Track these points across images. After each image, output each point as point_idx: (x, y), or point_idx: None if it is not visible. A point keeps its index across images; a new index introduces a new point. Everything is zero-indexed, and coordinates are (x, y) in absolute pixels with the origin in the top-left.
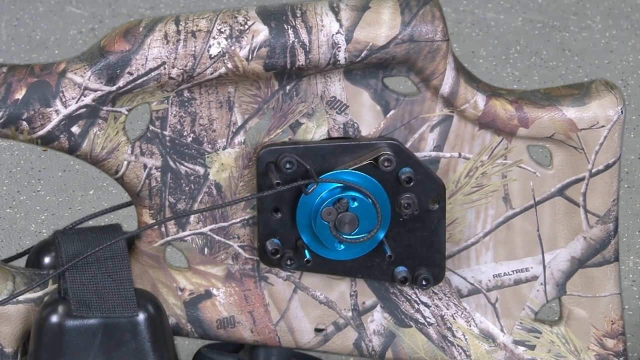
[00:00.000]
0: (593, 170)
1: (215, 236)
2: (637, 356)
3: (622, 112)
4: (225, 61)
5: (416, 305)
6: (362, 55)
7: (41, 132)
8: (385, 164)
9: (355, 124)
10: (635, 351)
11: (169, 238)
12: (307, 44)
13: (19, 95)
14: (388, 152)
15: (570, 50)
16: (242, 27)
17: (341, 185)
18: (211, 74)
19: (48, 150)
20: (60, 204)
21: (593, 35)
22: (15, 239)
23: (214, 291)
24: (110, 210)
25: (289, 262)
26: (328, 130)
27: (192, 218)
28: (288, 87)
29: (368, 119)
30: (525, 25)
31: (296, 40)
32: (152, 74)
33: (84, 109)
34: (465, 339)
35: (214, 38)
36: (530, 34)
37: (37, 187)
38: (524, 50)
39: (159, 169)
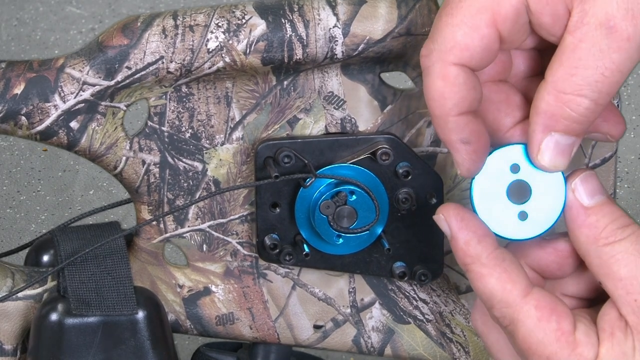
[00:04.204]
0: (589, 165)
1: (213, 233)
2: None
3: (617, 105)
4: (223, 55)
5: (414, 302)
6: (359, 49)
7: (40, 127)
8: (383, 157)
9: (353, 119)
10: None
11: (167, 235)
12: (305, 38)
13: (18, 90)
14: (386, 146)
15: None
16: (239, 22)
17: (339, 179)
18: (209, 68)
19: (48, 150)
20: (60, 204)
21: None
22: (15, 239)
23: (213, 288)
24: (108, 208)
25: (287, 257)
26: (326, 126)
27: (191, 215)
28: (285, 83)
29: (365, 114)
30: None
31: (293, 34)
32: (150, 68)
33: (83, 104)
34: (464, 336)
35: (211, 32)
36: None
37: (37, 187)
38: None
39: (158, 165)
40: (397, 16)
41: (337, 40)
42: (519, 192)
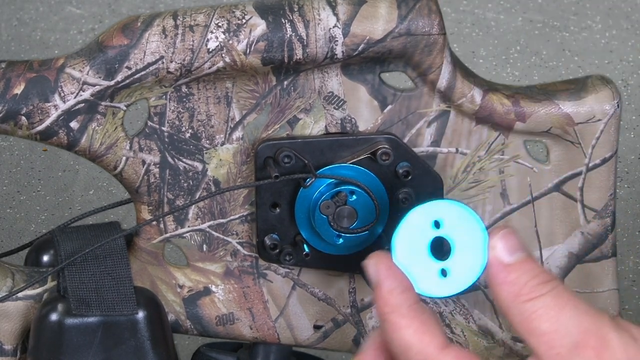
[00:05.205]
0: (590, 165)
1: (213, 233)
2: None
3: (618, 106)
4: (223, 55)
5: None
6: (359, 49)
7: (40, 127)
8: (383, 157)
9: (353, 120)
10: None
11: (167, 235)
12: (305, 38)
13: (18, 90)
14: (386, 146)
15: (570, 50)
16: (239, 22)
17: (339, 179)
18: (209, 68)
19: (48, 150)
20: (60, 204)
21: (593, 35)
22: (15, 239)
23: (213, 288)
24: (108, 208)
25: (287, 257)
26: (326, 126)
27: (191, 215)
28: (285, 83)
29: (365, 115)
30: (525, 25)
31: (293, 34)
32: (151, 68)
33: (83, 104)
34: (464, 336)
35: (211, 32)
36: (530, 34)
37: (37, 187)
38: (524, 50)
39: (158, 165)
40: (397, 16)
41: (337, 40)
42: (441, 248)
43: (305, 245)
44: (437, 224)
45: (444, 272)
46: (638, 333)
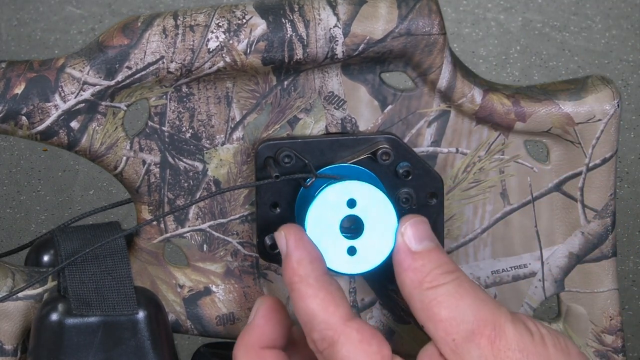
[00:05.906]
0: (590, 165)
1: (214, 233)
2: (637, 356)
3: (618, 105)
4: (224, 55)
5: None
6: (360, 49)
7: (40, 127)
8: (384, 157)
9: (353, 119)
10: (636, 351)
11: (167, 235)
12: (305, 38)
13: (18, 90)
14: (386, 146)
15: (570, 50)
16: (240, 21)
17: (339, 179)
18: (209, 68)
19: (48, 150)
20: (60, 204)
21: (593, 35)
22: (16, 239)
23: (214, 288)
24: (108, 208)
25: None
26: (326, 126)
27: (191, 215)
28: (286, 83)
29: (366, 115)
30: (525, 25)
31: (294, 34)
32: (151, 68)
33: (83, 104)
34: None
35: (212, 32)
36: (530, 34)
37: (37, 187)
38: (524, 50)
39: (158, 165)
40: (398, 16)
41: (337, 40)
42: (353, 227)
43: None
44: (352, 203)
45: (351, 250)
46: (534, 326)
